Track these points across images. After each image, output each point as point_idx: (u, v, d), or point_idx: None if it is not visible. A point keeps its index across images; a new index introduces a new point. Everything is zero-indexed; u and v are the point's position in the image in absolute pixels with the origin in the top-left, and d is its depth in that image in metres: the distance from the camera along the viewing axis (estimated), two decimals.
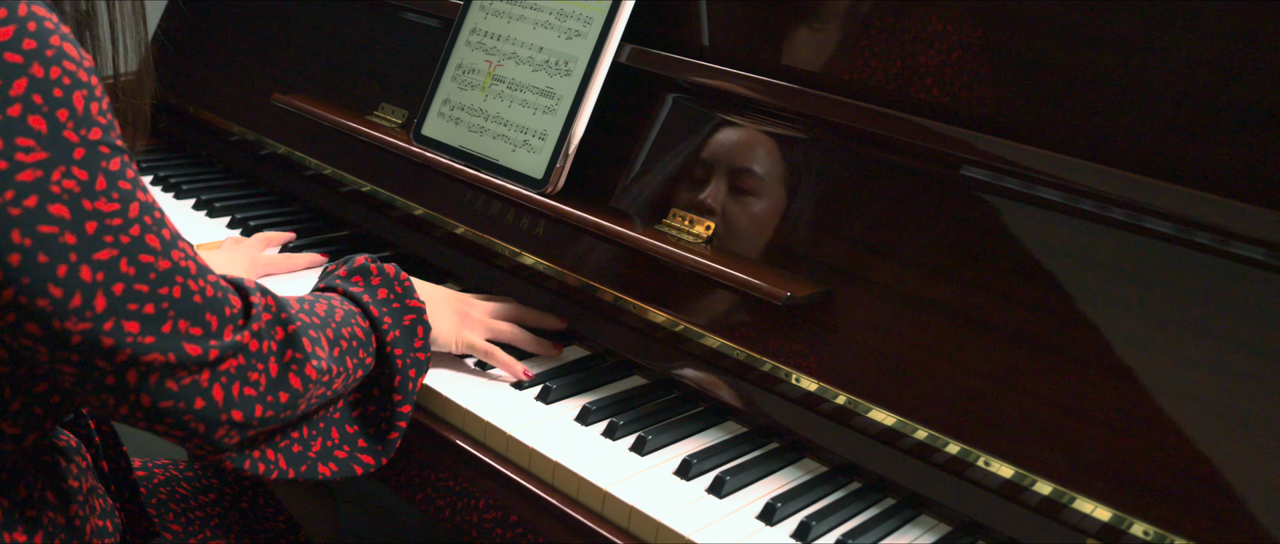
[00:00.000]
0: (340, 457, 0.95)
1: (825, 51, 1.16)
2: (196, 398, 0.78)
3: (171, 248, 0.76)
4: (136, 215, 0.73)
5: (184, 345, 0.76)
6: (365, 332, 0.96)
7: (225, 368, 0.79)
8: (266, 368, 0.82)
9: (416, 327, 1.01)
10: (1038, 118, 1.01)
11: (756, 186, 1.16)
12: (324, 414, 0.94)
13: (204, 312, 0.77)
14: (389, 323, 0.98)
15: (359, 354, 0.94)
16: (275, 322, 0.84)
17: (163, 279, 0.74)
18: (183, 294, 0.76)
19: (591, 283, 1.21)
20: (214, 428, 0.80)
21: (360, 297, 0.98)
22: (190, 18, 1.87)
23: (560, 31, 1.29)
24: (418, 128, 1.39)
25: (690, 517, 0.95)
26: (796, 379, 1.05)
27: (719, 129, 1.20)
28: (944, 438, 0.96)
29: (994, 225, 1.00)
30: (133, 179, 0.74)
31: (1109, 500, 0.88)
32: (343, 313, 0.95)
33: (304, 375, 0.85)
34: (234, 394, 0.80)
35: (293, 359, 0.84)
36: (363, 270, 1.02)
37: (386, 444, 0.98)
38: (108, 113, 0.73)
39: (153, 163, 1.74)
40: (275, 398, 0.83)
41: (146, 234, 0.74)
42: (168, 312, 0.75)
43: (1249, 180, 0.90)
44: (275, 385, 0.83)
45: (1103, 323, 0.93)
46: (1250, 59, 0.92)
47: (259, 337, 0.82)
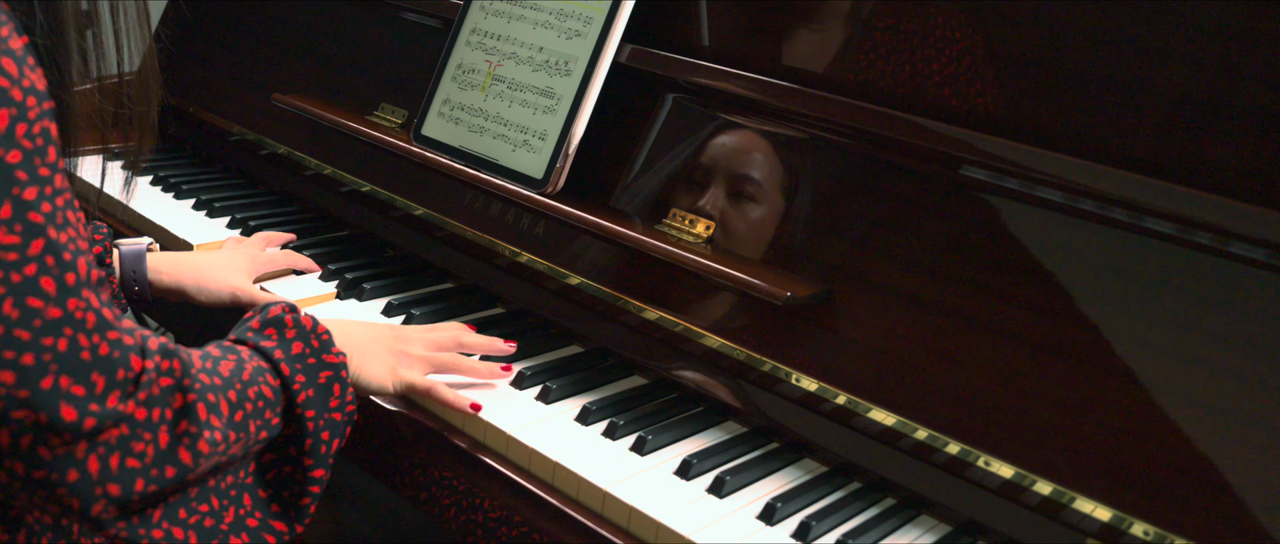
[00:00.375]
0: (252, 525, 0.88)
1: (825, 52, 1.16)
2: (70, 469, 0.71)
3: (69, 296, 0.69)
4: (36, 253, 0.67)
5: (61, 406, 0.69)
6: (274, 391, 0.89)
7: (104, 438, 0.72)
8: (154, 439, 0.75)
9: (332, 385, 0.93)
10: (1038, 117, 1.01)
11: (756, 187, 1.16)
12: (235, 480, 0.88)
13: (90, 371, 0.70)
14: (302, 381, 0.91)
15: (264, 415, 0.87)
16: (175, 388, 0.77)
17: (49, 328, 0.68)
18: (69, 348, 0.69)
19: (591, 282, 1.21)
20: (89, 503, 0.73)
21: (271, 352, 0.91)
22: (190, 18, 1.87)
23: (560, 31, 1.29)
24: (418, 128, 1.39)
25: (690, 517, 0.95)
26: (796, 379, 1.05)
27: (719, 129, 1.20)
28: (944, 438, 0.96)
29: (994, 225, 1.00)
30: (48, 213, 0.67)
31: (1109, 500, 0.88)
32: (251, 370, 0.88)
33: (196, 450, 0.78)
34: (112, 466, 0.73)
35: (186, 431, 0.77)
36: (277, 322, 0.94)
37: (299, 510, 0.92)
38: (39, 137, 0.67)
39: (152, 163, 1.74)
40: (161, 472, 0.76)
41: (42, 276, 0.67)
42: (49, 365, 0.68)
43: (1249, 180, 0.90)
44: (162, 458, 0.76)
45: (1103, 323, 0.93)
46: (1250, 59, 0.92)
47: (149, 404, 0.75)
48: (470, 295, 1.36)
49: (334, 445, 0.94)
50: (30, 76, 0.67)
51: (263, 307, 0.97)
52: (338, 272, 1.38)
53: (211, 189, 1.66)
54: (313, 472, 0.92)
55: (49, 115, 0.69)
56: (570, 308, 1.25)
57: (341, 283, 1.35)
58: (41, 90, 0.68)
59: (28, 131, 0.66)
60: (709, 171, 1.19)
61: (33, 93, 0.67)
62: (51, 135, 0.69)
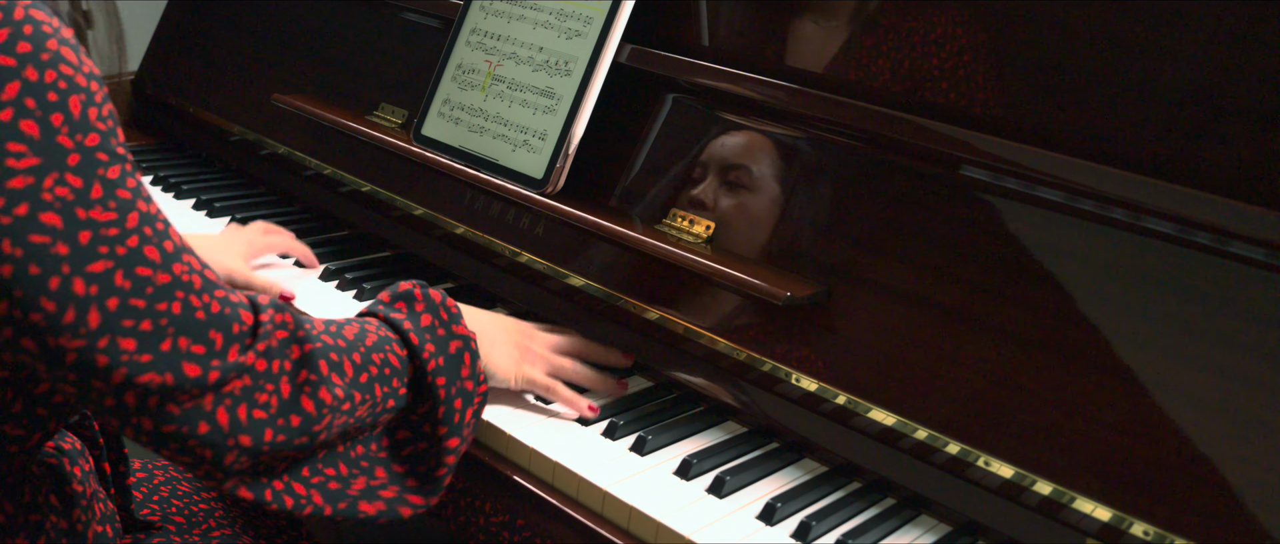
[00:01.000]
0: (387, 496, 0.89)
1: (826, 52, 1.16)
2: (200, 422, 0.74)
3: (173, 261, 0.72)
4: (135, 225, 0.70)
5: (183, 365, 0.72)
6: (401, 360, 0.90)
7: (229, 390, 0.75)
8: (277, 389, 0.78)
9: (463, 355, 0.94)
10: (1038, 117, 1.01)
11: (756, 187, 1.16)
12: (366, 452, 0.89)
13: (207, 329, 0.73)
14: (431, 350, 0.92)
15: (391, 382, 0.89)
16: (291, 340, 0.79)
17: (161, 294, 0.71)
18: (183, 310, 0.72)
19: (591, 283, 1.21)
20: (222, 453, 0.76)
21: (400, 323, 0.92)
22: (190, 18, 1.88)
23: (560, 31, 1.29)
24: (418, 128, 1.39)
25: (690, 517, 0.95)
26: (796, 379, 1.05)
27: (719, 129, 1.20)
28: (944, 438, 0.96)
29: (994, 225, 1.00)
30: (133, 188, 0.71)
31: (1109, 500, 0.88)
32: (376, 338, 0.89)
33: (318, 399, 0.80)
34: (241, 417, 0.76)
35: (306, 380, 0.80)
36: (407, 296, 0.96)
37: (435, 482, 0.92)
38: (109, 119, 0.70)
39: (152, 163, 1.74)
40: (287, 422, 0.78)
41: (145, 246, 0.70)
42: (166, 328, 0.71)
43: (1249, 180, 0.90)
44: (287, 408, 0.78)
45: (1103, 323, 0.93)
46: (1250, 59, 0.92)
47: (268, 356, 0.77)
48: (470, 295, 1.36)
49: (468, 415, 0.94)
50: (87, 62, 0.70)
51: (394, 284, 0.98)
52: (338, 271, 1.38)
53: (211, 189, 1.66)
54: (447, 441, 0.92)
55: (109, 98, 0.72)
56: (570, 308, 1.25)
57: (341, 282, 1.35)
58: (99, 75, 0.71)
59: (99, 114, 0.69)
60: (709, 171, 1.19)
61: (94, 78, 0.70)
62: (116, 116, 0.72)
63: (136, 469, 1.14)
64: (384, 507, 0.89)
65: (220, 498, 1.16)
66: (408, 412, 0.93)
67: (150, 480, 1.15)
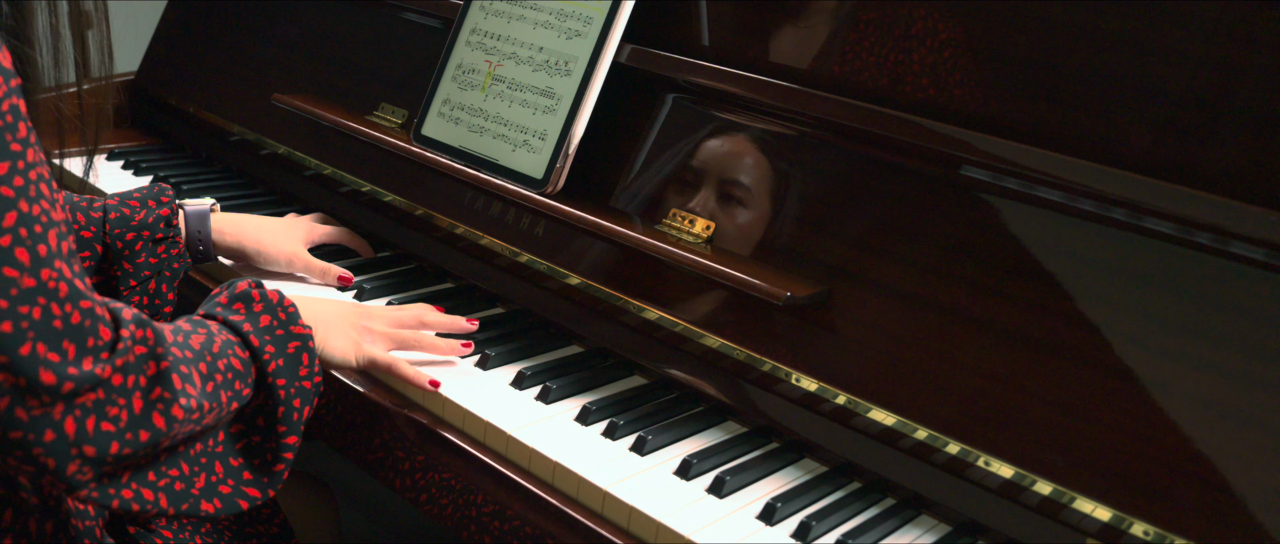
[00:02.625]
0: (224, 492, 0.91)
1: (825, 52, 1.16)
2: (46, 430, 0.73)
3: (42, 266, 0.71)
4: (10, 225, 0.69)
5: (39, 371, 0.71)
6: (243, 362, 0.92)
7: (81, 401, 0.74)
8: (128, 403, 0.77)
9: (301, 354, 0.97)
10: (1038, 117, 1.01)
11: (756, 187, 1.16)
12: (205, 448, 0.90)
13: (62, 338, 0.72)
14: (271, 351, 0.94)
15: (235, 386, 0.90)
16: (149, 356, 0.79)
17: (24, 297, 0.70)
18: (43, 316, 0.71)
19: (591, 282, 1.21)
20: (64, 463, 0.75)
21: (240, 325, 0.94)
22: (190, 18, 1.88)
23: (560, 31, 1.29)
24: (418, 128, 1.39)
25: (690, 517, 0.95)
26: (796, 379, 1.05)
27: (719, 129, 1.20)
28: (944, 438, 0.96)
29: (994, 225, 1.00)
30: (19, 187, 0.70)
31: (1109, 500, 0.88)
32: (221, 343, 0.90)
33: (170, 415, 0.80)
34: (88, 428, 0.75)
35: (160, 397, 0.79)
36: (244, 297, 0.97)
37: (273, 475, 0.94)
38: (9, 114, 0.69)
39: (153, 163, 1.74)
40: (135, 436, 0.78)
41: (16, 246, 0.70)
42: (26, 332, 0.70)
43: (1249, 180, 0.90)
44: (136, 423, 0.78)
45: (1103, 323, 0.93)
46: (1250, 59, 0.92)
47: (124, 371, 0.77)
48: (470, 295, 1.36)
49: (305, 413, 0.96)
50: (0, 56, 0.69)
51: (230, 282, 0.99)
52: None
53: (211, 189, 1.66)
54: (287, 438, 0.95)
55: (17, 93, 0.70)
56: (570, 308, 1.25)
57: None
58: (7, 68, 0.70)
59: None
60: (709, 171, 1.19)
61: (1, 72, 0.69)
62: (21, 111, 0.70)
63: None
64: (221, 504, 0.90)
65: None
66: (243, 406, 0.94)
67: None
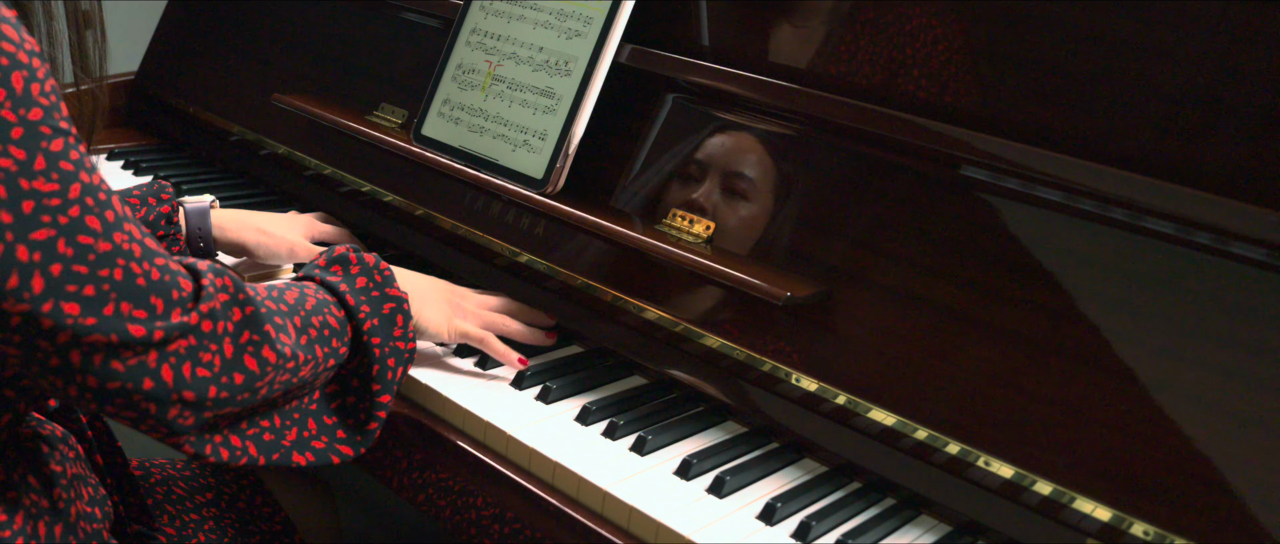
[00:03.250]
0: (317, 447, 0.94)
1: (825, 51, 1.16)
2: (144, 378, 0.77)
3: (115, 230, 0.74)
4: (77, 196, 0.72)
5: (127, 327, 0.75)
6: (339, 320, 0.95)
7: (174, 349, 0.78)
8: (220, 349, 0.81)
9: (396, 315, 1.00)
10: (1038, 117, 1.01)
11: (756, 187, 1.16)
12: (299, 405, 0.93)
13: (148, 294, 0.76)
14: (366, 311, 0.97)
15: (331, 343, 0.93)
16: (232, 303, 0.82)
17: (103, 261, 0.74)
18: (124, 276, 0.75)
19: (591, 282, 1.21)
20: (166, 408, 0.79)
21: (337, 285, 0.97)
22: (190, 18, 1.88)
23: (560, 31, 1.29)
24: (418, 128, 1.39)
25: (690, 517, 0.95)
26: (796, 379, 1.05)
27: (719, 129, 1.20)
28: (944, 438, 0.96)
29: (994, 225, 1.00)
30: (76, 160, 0.73)
31: (1109, 500, 0.88)
32: (315, 301, 0.93)
33: (262, 357, 0.83)
34: (185, 375, 0.79)
35: (250, 341, 0.83)
36: (342, 260, 1.01)
37: (366, 434, 0.97)
38: (52, 94, 0.72)
39: (153, 163, 1.74)
40: (230, 379, 0.82)
41: (87, 215, 0.73)
42: (109, 293, 0.74)
43: (1249, 180, 0.90)
44: (230, 366, 0.81)
45: (1103, 323, 0.93)
46: (1250, 59, 0.92)
47: (212, 317, 0.80)
48: None
49: (399, 373, 0.99)
50: (29, 40, 0.72)
51: (329, 248, 1.02)
52: None
53: (212, 189, 1.66)
54: (380, 397, 0.97)
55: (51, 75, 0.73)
56: (570, 308, 1.25)
57: None
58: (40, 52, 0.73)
59: (42, 90, 0.71)
60: (709, 171, 1.19)
61: (36, 55, 0.72)
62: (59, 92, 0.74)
63: (133, 466, 1.14)
64: (313, 457, 0.94)
65: (215, 502, 1.16)
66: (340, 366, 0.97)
67: (147, 479, 1.15)
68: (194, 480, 1.18)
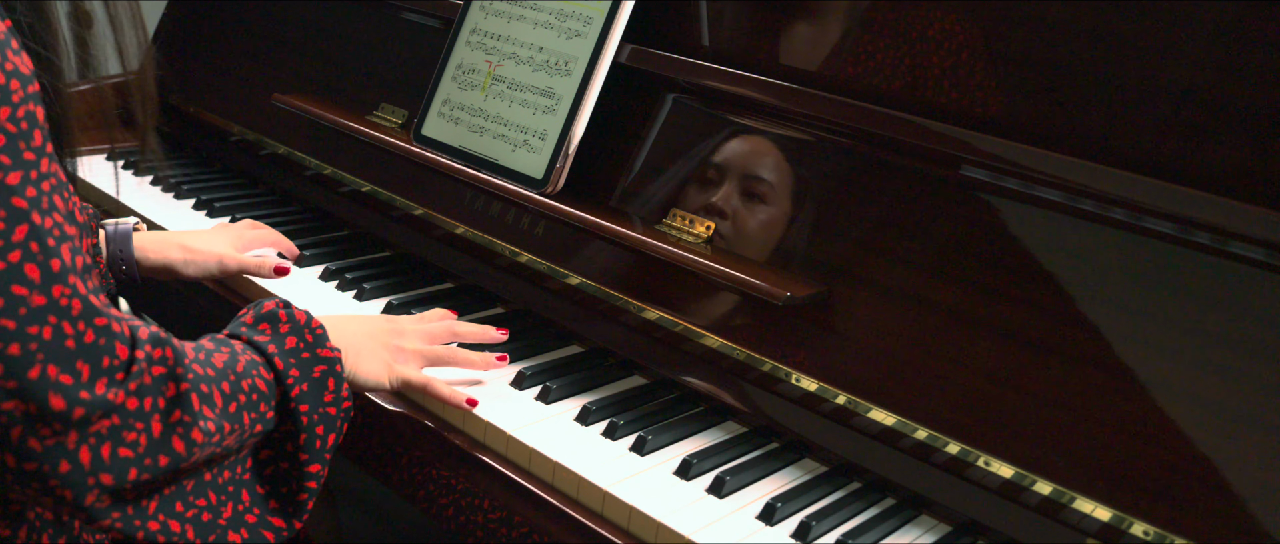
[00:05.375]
0: (250, 522, 0.88)
1: (826, 51, 1.16)
2: (61, 460, 0.70)
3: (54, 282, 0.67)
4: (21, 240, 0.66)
5: (49, 396, 0.68)
6: (267, 384, 0.88)
7: (96, 429, 0.71)
8: (147, 427, 0.74)
9: (327, 379, 0.93)
10: (1038, 117, 1.01)
11: (756, 187, 1.16)
12: (233, 476, 0.87)
13: (75, 358, 0.69)
14: (295, 375, 0.90)
15: (258, 408, 0.87)
16: (167, 376, 0.76)
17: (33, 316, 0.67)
18: (54, 335, 0.67)
19: (591, 282, 1.21)
20: (82, 494, 0.72)
21: (265, 346, 0.90)
22: (190, 18, 1.88)
23: (560, 31, 1.29)
24: (418, 128, 1.39)
25: (690, 517, 0.95)
26: (796, 379, 1.05)
27: (719, 129, 1.20)
28: (944, 438, 0.96)
29: (994, 225, 1.00)
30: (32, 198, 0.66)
31: (1109, 500, 0.88)
32: (245, 363, 0.87)
33: (190, 439, 0.77)
34: (104, 456, 0.72)
35: (179, 420, 0.76)
36: (271, 317, 0.94)
37: (297, 506, 0.91)
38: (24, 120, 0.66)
39: (153, 162, 1.74)
40: (154, 461, 0.75)
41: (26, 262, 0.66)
42: (35, 353, 0.67)
43: (1249, 180, 0.90)
44: (156, 448, 0.75)
45: (1103, 323, 0.93)
46: (1250, 59, 0.92)
47: (141, 393, 0.73)
48: (470, 295, 1.36)
49: (329, 440, 0.93)
50: (13, 60, 0.66)
51: (257, 302, 0.96)
52: (338, 271, 1.38)
53: (211, 189, 1.66)
54: (308, 467, 0.91)
55: (34, 99, 0.67)
56: (570, 308, 1.25)
57: (341, 283, 1.35)
58: (25, 73, 0.67)
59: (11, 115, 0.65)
60: (708, 172, 1.19)
61: (16, 76, 0.66)
62: (37, 119, 0.67)
63: None
64: (247, 534, 0.87)
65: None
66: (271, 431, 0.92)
67: None
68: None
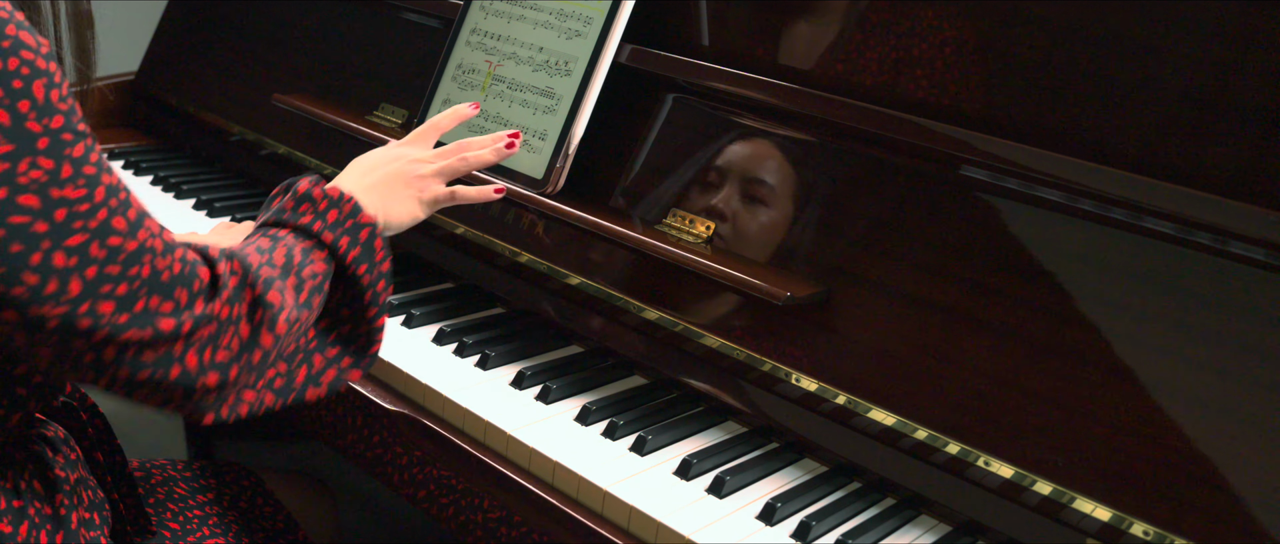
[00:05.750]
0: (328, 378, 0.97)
1: (827, 51, 1.16)
2: (173, 366, 0.80)
3: (138, 228, 0.77)
4: (102, 199, 0.75)
5: (158, 322, 0.78)
6: (324, 262, 0.96)
7: (198, 337, 0.81)
8: (237, 331, 0.84)
9: (373, 240, 1.00)
10: (1038, 117, 1.01)
11: (756, 187, 1.16)
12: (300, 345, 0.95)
13: (174, 287, 0.79)
14: (346, 242, 0.98)
15: (324, 288, 0.96)
16: (243, 285, 0.85)
17: (132, 259, 0.76)
18: (151, 273, 0.77)
19: (591, 282, 1.21)
20: (191, 392, 0.82)
21: (311, 225, 0.98)
22: (190, 17, 1.88)
23: (560, 31, 1.29)
24: None
25: (690, 517, 0.95)
26: (796, 379, 1.05)
27: (719, 130, 1.20)
28: (944, 438, 0.96)
29: (994, 225, 1.00)
30: (97, 162, 0.75)
31: (1109, 500, 0.88)
32: (300, 253, 0.95)
33: (275, 332, 0.87)
34: (207, 359, 0.82)
35: (262, 318, 0.86)
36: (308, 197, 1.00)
37: (370, 357, 1.00)
38: (68, 97, 0.73)
39: (153, 163, 1.74)
40: (248, 357, 0.85)
41: (113, 217, 0.75)
42: (139, 290, 0.77)
43: (1249, 180, 0.90)
44: (247, 345, 0.85)
45: (1103, 323, 0.93)
46: (1250, 59, 0.92)
47: (229, 303, 0.83)
48: (470, 295, 1.36)
49: (388, 292, 1.02)
50: (44, 42, 0.73)
51: (289, 182, 1.02)
52: None
53: (212, 189, 1.66)
54: (377, 320, 1.00)
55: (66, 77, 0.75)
56: (570, 308, 1.25)
57: None
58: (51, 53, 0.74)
59: (61, 95, 0.73)
60: (709, 172, 1.19)
61: (52, 58, 0.73)
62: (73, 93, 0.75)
63: (134, 467, 1.14)
64: (325, 390, 0.97)
65: (216, 502, 1.16)
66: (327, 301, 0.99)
67: (148, 480, 1.15)
68: (195, 481, 1.18)
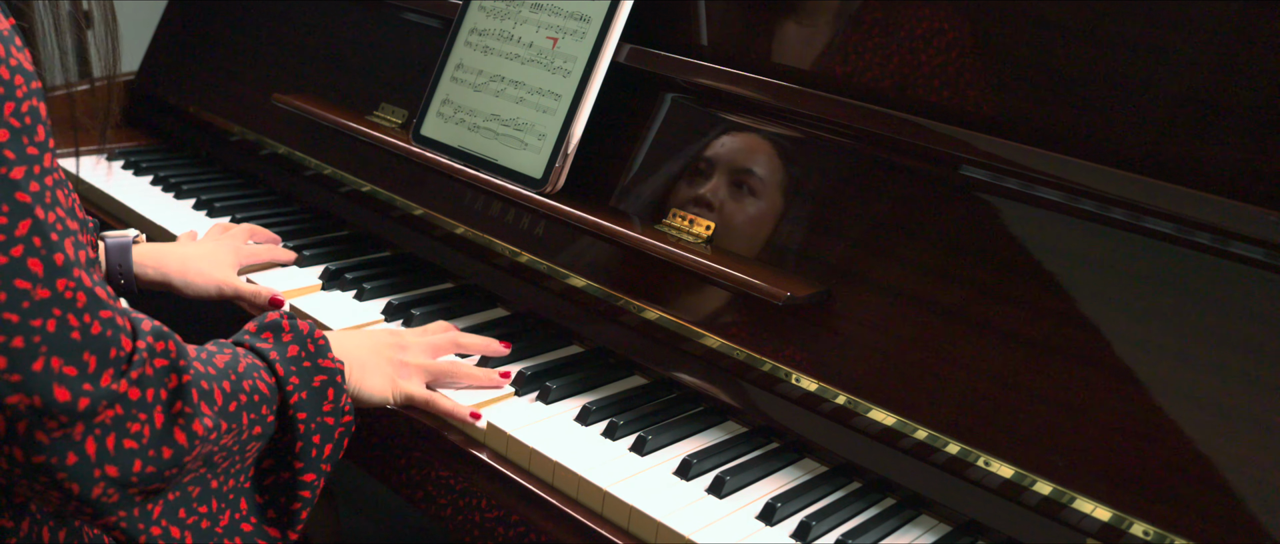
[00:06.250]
0: (246, 530, 0.89)
1: (825, 51, 1.16)
2: (68, 452, 0.71)
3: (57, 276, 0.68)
4: (24, 234, 0.66)
5: (53, 387, 0.68)
6: (269, 387, 0.89)
7: (100, 419, 0.72)
8: (150, 418, 0.75)
9: (327, 389, 0.93)
10: (1038, 117, 1.01)
11: (756, 186, 1.16)
12: (235, 485, 0.88)
13: (81, 350, 0.69)
14: (295, 382, 0.91)
15: (259, 409, 0.87)
16: (169, 369, 0.77)
17: (37, 310, 0.67)
18: (58, 328, 0.68)
19: (591, 282, 1.21)
20: (89, 486, 0.73)
21: (267, 352, 0.91)
22: (190, 18, 1.88)
23: (559, 31, 1.29)
24: (417, 128, 1.38)
25: (690, 517, 0.95)
26: (796, 379, 1.05)
27: (718, 129, 1.20)
28: (944, 438, 0.96)
29: (994, 225, 1.00)
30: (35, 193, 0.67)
31: (1109, 500, 0.88)
32: (246, 365, 0.88)
33: (191, 431, 0.78)
34: (109, 447, 0.73)
35: (180, 412, 0.77)
36: (274, 326, 0.95)
37: (291, 516, 0.91)
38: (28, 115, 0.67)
39: (153, 163, 1.74)
40: (158, 453, 0.76)
41: (29, 257, 0.67)
42: (39, 346, 0.68)
43: (1249, 180, 0.90)
44: (159, 439, 0.76)
45: (1103, 323, 0.93)
46: (1250, 59, 0.92)
47: (143, 384, 0.74)
48: (470, 296, 1.36)
49: (326, 451, 0.93)
50: (17, 56, 0.67)
51: (262, 314, 0.97)
52: (338, 272, 1.38)
53: (212, 189, 1.66)
54: (303, 476, 0.91)
55: (37, 95, 0.68)
56: (570, 308, 1.25)
57: (341, 283, 1.35)
58: (29, 70, 0.68)
59: (15, 110, 0.66)
60: (708, 171, 1.19)
61: (20, 72, 0.67)
62: (41, 114, 0.68)
63: None
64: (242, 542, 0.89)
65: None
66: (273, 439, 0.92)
67: None
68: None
